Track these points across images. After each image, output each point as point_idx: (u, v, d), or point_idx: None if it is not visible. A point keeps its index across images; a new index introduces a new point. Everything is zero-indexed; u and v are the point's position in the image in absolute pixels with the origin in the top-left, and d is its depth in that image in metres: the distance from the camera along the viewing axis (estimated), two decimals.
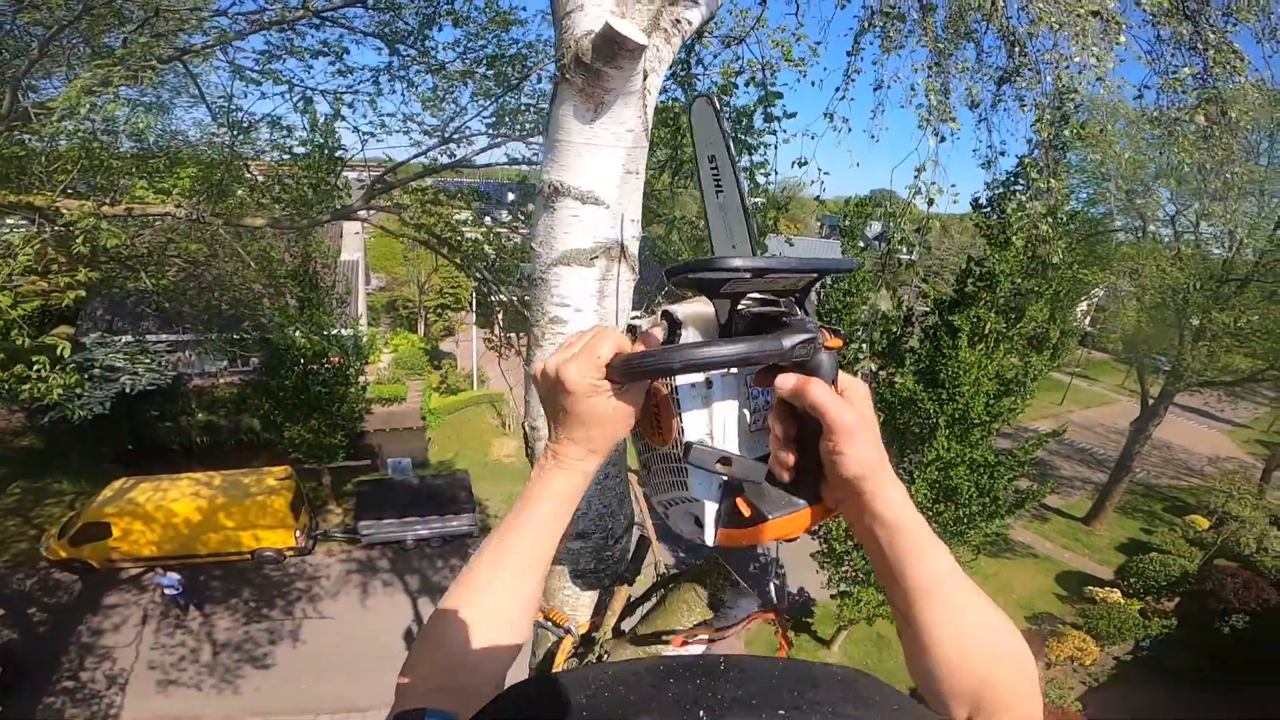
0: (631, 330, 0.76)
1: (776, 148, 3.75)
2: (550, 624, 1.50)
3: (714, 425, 0.71)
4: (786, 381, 0.66)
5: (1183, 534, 19.58)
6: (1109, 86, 2.62)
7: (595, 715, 0.42)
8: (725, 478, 0.71)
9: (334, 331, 15.35)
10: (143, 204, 4.72)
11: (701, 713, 0.40)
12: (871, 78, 3.19)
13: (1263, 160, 15.26)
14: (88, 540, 13.70)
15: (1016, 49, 3.12)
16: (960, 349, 10.79)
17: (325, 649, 13.15)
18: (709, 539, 0.73)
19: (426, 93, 5.70)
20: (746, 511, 0.70)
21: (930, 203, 2.86)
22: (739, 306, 0.69)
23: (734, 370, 0.72)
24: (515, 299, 6.05)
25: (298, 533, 14.88)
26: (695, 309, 0.73)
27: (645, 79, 1.36)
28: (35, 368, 4.71)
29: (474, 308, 25.35)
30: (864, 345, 14.08)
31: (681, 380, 0.70)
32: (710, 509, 0.73)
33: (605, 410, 0.70)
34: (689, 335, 0.71)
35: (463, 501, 16.28)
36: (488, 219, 6.98)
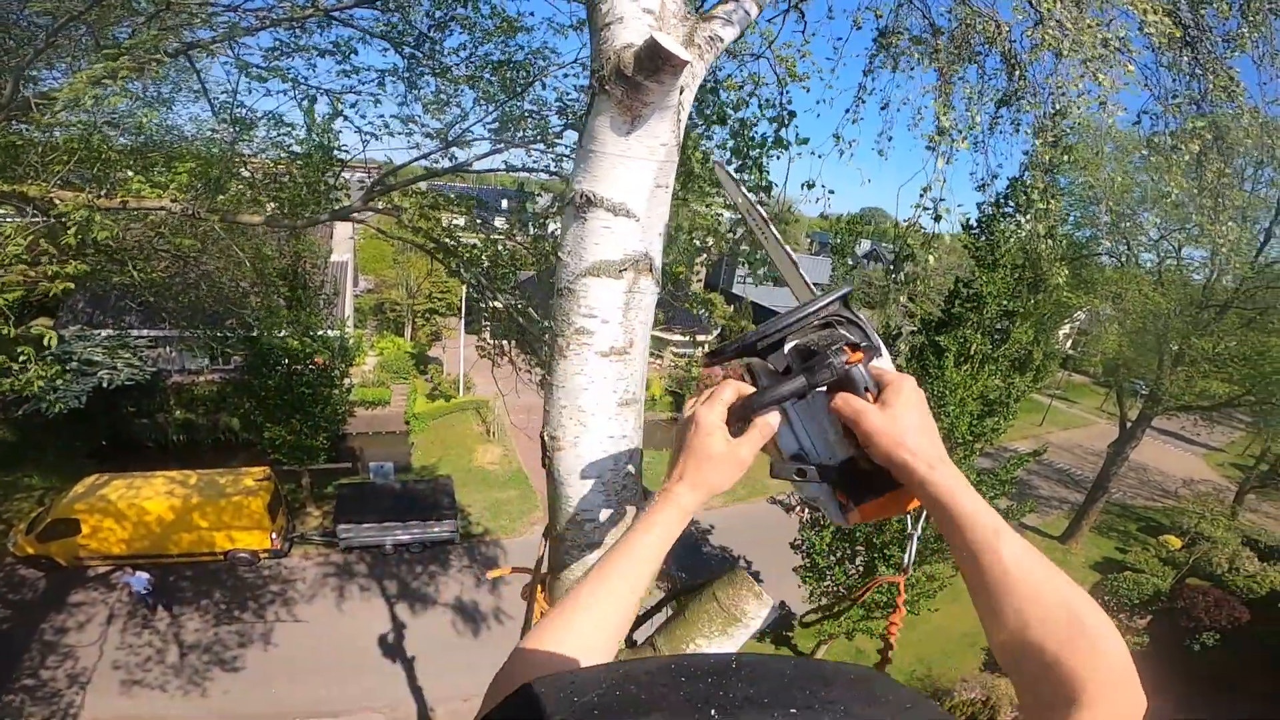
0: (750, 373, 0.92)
1: (789, 166, 3.79)
2: None
3: (800, 439, 0.87)
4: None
5: (1156, 554, 19.93)
6: (1111, 111, 2.68)
7: (606, 713, 0.41)
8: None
9: (320, 332, 15.19)
10: (138, 197, 4.65)
11: (713, 711, 0.40)
12: (879, 98, 3.24)
13: (1248, 186, 15.64)
14: (56, 537, 13.39)
15: (1017, 72, 3.18)
16: (946, 369, 10.89)
17: (298, 653, 12.92)
18: (839, 522, 0.90)
19: (430, 96, 5.70)
20: (843, 500, 0.86)
21: (938, 219, 2.90)
22: (784, 349, 0.85)
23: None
24: (510, 305, 6.04)
25: (273, 535, 14.64)
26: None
27: (681, 93, 1.37)
28: (21, 358, 4.61)
29: (463, 314, 25.16)
30: None
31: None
32: (828, 501, 0.89)
33: (717, 448, 0.83)
34: (762, 378, 0.88)
35: (444, 507, 16.14)
36: (482, 225, 6.96)
